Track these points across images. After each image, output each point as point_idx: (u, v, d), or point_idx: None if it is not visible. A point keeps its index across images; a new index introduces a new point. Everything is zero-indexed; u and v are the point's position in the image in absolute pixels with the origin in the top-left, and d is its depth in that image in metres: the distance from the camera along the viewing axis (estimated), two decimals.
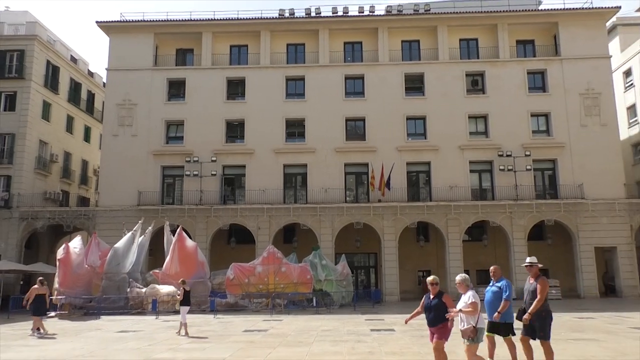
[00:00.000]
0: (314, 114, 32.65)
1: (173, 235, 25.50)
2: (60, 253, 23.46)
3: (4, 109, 34.25)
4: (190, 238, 27.17)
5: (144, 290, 23.60)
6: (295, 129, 33.22)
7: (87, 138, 41.82)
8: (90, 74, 42.78)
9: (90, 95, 42.50)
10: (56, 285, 23.04)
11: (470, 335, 7.46)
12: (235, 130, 33.43)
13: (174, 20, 34.44)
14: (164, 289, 23.16)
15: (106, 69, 34.14)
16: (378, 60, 33.50)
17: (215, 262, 30.07)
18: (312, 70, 33.48)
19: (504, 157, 30.95)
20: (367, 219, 30.83)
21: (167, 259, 24.98)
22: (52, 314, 21.94)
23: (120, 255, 24.85)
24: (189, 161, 31.60)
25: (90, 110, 42.13)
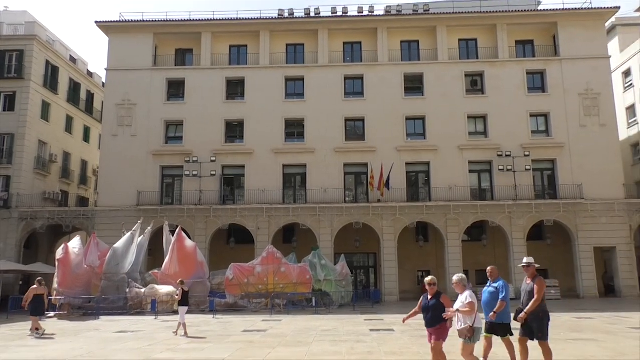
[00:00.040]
0: (313, 114, 32.66)
1: (172, 235, 25.49)
2: (59, 253, 23.43)
3: (3, 109, 34.26)
4: (189, 238, 27.21)
5: (143, 290, 23.59)
6: (294, 129, 33.23)
7: (86, 138, 41.80)
8: (90, 74, 42.76)
9: (90, 96, 42.49)
10: (55, 285, 23.01)
11: (467, 334, 7.48)
12: (234, 130, 33.44)
13: (173, 20, 34.45)
14: (163, 289, 23.15)
15: (105, 69, 34.14)
16: (377, 61, 33.52)
17: (214, 262, 30.08)
18: (311, 71, 33.49)
19: (504, 157, 30.97)
20: (366, 219, 30.84)
21: (166, 259, 24.97)
22: (51, 314, 21.96)
23: (120, 256, 24.84)
24: (189, 161, 31.60)
25: (89, 110, 42.13)
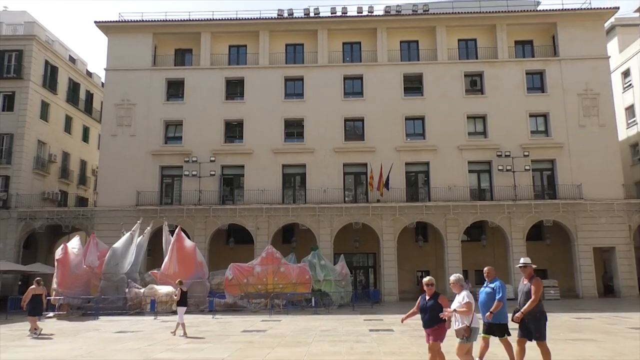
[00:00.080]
0: (312, 114, 32.66)
1: (172, 235, 25.47)
2: (58, 253, 23.39)
3: (2, 109, 34.25)
4: (188, 238, 27.20)
5: (142, 290, 23.58)
6: (294, 129, 33.22)
7: (85, 138, 41.78)
8: (89, 74, 42.75)
9: (89, 96, 42.47)
10: (54, 285, 22.99)
11: (464, 334, 7.48)
12: (234, 130, 33.43)
13: (172, 20, 34.43)
14: (162, 290, 23.13)
15: (105, 69, 34.12)
16: (377, 61, 33.52)
17: (214, 262, 30.08)
18: (311, 71, 33.49)
19: (503, 158, 30.98)
20: (365, 219, 30.84)
21: (165, 259, 24.95)
22: (51, 314, 21.93)
23: (119, 256, 24.81)
24: (188, 161, 31.59)
25: (88, 110, 42.11)
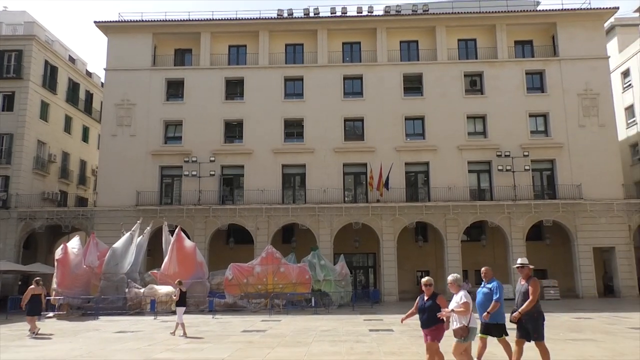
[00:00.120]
0: (312, 114, 32.65)
1: (171, 235, 25.47)
2: (58, 253, 23.38)
3: (2, 109, 34.24)
4: (188, 238, 27.19)
5: (142, 290, 23.57)
6: (293, 129, 33.22)
7: (85, 138, 41.78)
8: (89, 74, 42.74)
9: (89, 96, 42.46)
10: (54, 285, 22.98)
11: (462, 334, 7.49)
12: (233, 130, 33.42)
13: (172, 20, 34.42)
14: (162, 290, 23.12)
15: (104, 69, 34.11)
16: (376, 61, 33.52)
17: (213, 262, 30.07)
18: (310, 71, 33.49)
19: (503, 158, 30.99)
20: (365, 219, 30.84)
21: (165, 259, 24.94)
22: (51, 314, 21.93)
23: (119, 256, 24.80)
24: (188, 161, 31.58)
25: (88, 110, 42.10)
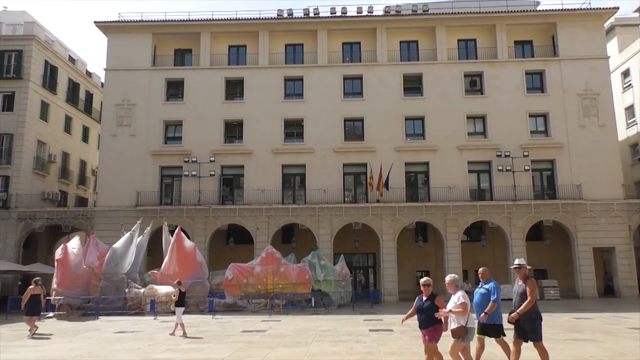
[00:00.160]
0: (312, 115, 32.65)
1: (171, 235, 25.46)
2: (58, 253, 23.38)
3: (2, 109, 34.24)
4: (188, 238, 27.18)
5: (142, 290, 23.56)
6: (293, 129, 33.22)
7: (85, 138, 41.78)
8: (89, 74, 42.73)
9: (89, 96, 42.45)
10: (54, 285, 22.97)
11: (460, 334, 7.49)
12: (233, 130, 33.42)
13: (172, 20, 34.42)
14: (162, 290, 23.10)
15: (104, 69, 34.12)
16: (376, 61, 33.52)
17: (213, 262, 30.07)
18: (310, 71, 33.49)
19: (503, 158, 30.99)
20: (365, 219, 30.84)
21: (165, 259, 24.94)
22: (51, 314, 21.94)
23: (119, 256, 24.80)
24: (188, 161, 31.58)
25: (88, 110, 42.09)
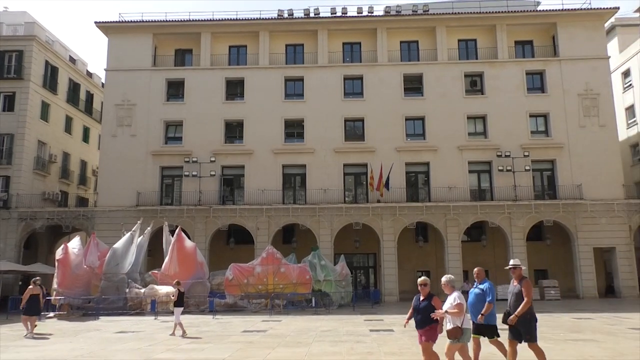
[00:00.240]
0: (312, 115, 32.66)
1: (172, 235, 25.48)
2: (59, 253, 23.40)
3: (3, 110, 34.24)
4: (189, 238, 27.20)
5: (142, 290, 23.58)
6: (294, 129, 33.22)
7: (85, 138, 41.78)
8: (89, 74, 42.74)
9: (89, 96, 42.47)
10: (55, 285, 22.99)
11: (456, 335, 7.50)
12: (234, 130, 33.43)
13: (172, 20, 34.44)
14: (162, 290, 23.11)
15: (105, 69, 34.14)
16: (377, 61, 33.52)
17: (214, 262, 30.07)
18: (311, 71, 33.50)
19: (503, 158, 30.98)
20: (366, 220, 30.84)
21: (166, 259, 24.96)
22: (51, 314, 21.96)
23: (119, 256, 24.82)
24: (188, 161, 31.59)
25: (89, 110, 42.10)
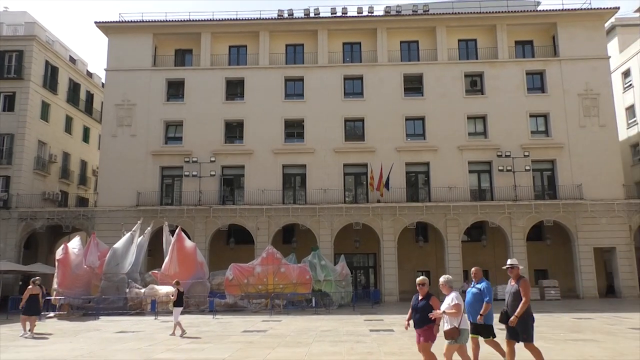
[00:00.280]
0: (313, 115, 32.66)
1: (172, 235, 25.48)
2: (59, 253, 23.40)
3: (3, 110, 34.25)
4: (189, 238, 27.20)
5: (142, 290, 23.58)
6: (294, 129, 33.23)
7: (86, 138, 41.78)
8: (89, 74, 42.74)
9: (89, 96, 42.47)
10: (55, 285, 23.00)
11: (453, 336, 7.50)
12: (234, 130, 33.43)
13: (172, 20, 34.44)
14: (163, 290, 23.10)
15: (105, 69, 34.15)
16: (377, 61, 33.52)
17: (214, 262, 30.07)
18: (311, 71, 33.50)
19: (503, 158, 30.98)
20: (366, 220, 30.84)
21: (166, 259, 24.96)
22: (51, 314, 21.97)
23: (119, 256, 24.83)
24: (188, 161, 31.59)
25: (89, 110, 42.11)
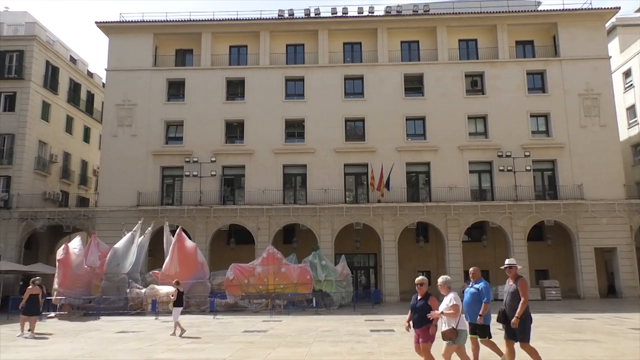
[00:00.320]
0: (313, 115, 32.66)
1: (172, 235, 25.49)
2: (59, 253, 23.42)
3: (4, 110, 34.26)
4: (189, 238, 27.21)
5: (143, 290, 23.59)
6: (294, 129, 33.23)
7: (86, 138, 41.80)
8: (90, 74, 42.77)
9: (90, 96, 42.49)
10: (56, 285, 23.01)
11: (450, 336, 7.48)
12: (234, 130, 33.44)
13: (173, 20, 34.45)
14: (163, 290, 23.11)
15: (105, 69, 34.16)
16: (377, 61, 33.52)
17: (214, 262, 30.08)
18: (311, 71, 33.50)
19: (504, 158, 30.97)
20: (366, 220, 30.83)
21: (166, 259, 24.97)
22: (52, 314, 21.98)
23: (120, 256, 24.84)
24: (189, 161, 31.61)
25: (89, 110, 42.12)
